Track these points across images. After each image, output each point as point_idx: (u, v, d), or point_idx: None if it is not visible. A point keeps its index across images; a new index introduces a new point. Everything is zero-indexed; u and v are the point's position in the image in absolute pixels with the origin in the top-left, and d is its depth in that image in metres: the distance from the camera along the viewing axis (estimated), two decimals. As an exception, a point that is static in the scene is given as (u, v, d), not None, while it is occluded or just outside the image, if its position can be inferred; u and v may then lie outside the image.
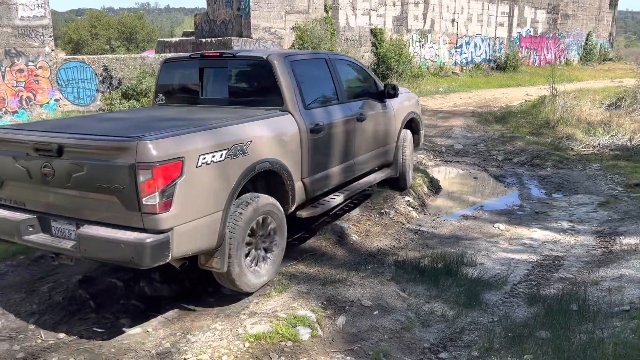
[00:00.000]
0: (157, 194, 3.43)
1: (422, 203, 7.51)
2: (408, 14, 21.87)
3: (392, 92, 6.48)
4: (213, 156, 3.82)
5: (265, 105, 4.96)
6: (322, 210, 5.39)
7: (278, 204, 4.54)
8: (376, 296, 4.35)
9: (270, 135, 4.48)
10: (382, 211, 6.75)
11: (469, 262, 5.20)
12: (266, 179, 4.56)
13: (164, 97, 5.75)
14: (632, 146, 10.00)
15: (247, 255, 4.27)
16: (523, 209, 7.26)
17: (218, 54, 5.72)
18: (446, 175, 9.20)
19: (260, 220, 4.36)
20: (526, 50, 28.46)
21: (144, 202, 3.43)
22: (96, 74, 13.48)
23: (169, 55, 11.16)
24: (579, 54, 32.32)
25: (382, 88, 6.51)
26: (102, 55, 15.12)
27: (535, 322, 3.92)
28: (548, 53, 30.09)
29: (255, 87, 5.34)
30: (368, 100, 6.21)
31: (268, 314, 3.99)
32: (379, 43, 20.27)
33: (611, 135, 10.90)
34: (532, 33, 28.65)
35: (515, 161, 9.75)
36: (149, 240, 3.42)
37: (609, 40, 35.11)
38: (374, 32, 20.51)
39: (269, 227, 4.49)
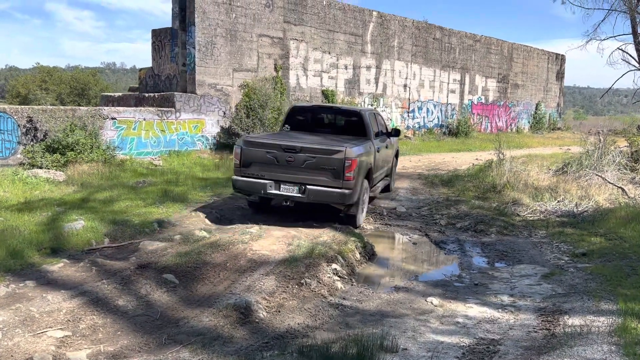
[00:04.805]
0: (352, 172, 7.66)
1: (352, 271, 6.70)
2: (360, 77, 21.88)
3: (395, 133, 10.95)
4: (362, 157, 8.07)
5: (354, 135, 9.38)
6: (377, 192, 10.03)
7: (368, 183, 8.66)
8: (262, 396, 3.43)
9: (369, 151, 8.70)
10: (302, 281, 5.90)
11: (389, 347, 4.34)
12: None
13: (289, 127, 9.97)
14: (578, 213, 9.56)
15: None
16: (461, 280, 6.51)
17: (330, 106, 11.43)
18: (383, 240, 8.45)
19: (363, 190, 8.37)
20: (478, 117, 28.92)
21: (345, 175, 7.64)
22: (19, 125, 12.45)
23: (297, 103, 14.93)
24: (529, 122, 33.16)
25: (390, 130, 11.05)
26: (27, 106, 14.13)
27: None
28: (499, 120, 30.68)
29: (350, 125, 9.86)
30: (385, 137, 10.54)
31: None
32: (330, 104, 20.04)
33: (558, 201, 10.49)
34: (483, 100, 29.24)
35: (458, 226, 9.12)
36: (347, 191, 7.70)
37: (557, 110, 36.34)
38: (326, 94, 20.31)
39: (365, 195, 8.63)
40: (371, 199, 9.93)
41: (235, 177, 8.23)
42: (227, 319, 4.84)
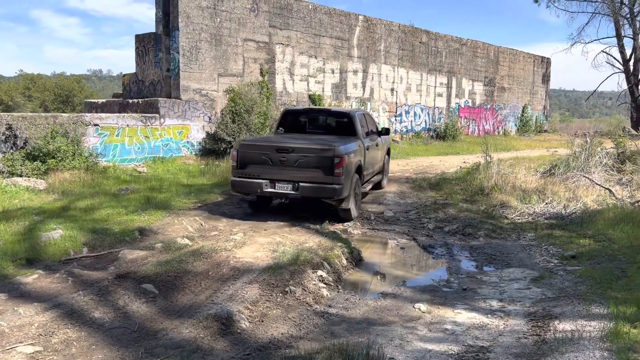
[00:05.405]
0: (341, 168, 8.30)
1: (338, 278, 6.53)
2: (347, 81, 21.79)
3: (385, 132, 11.79)
4: (351, 154, 8.74)
5: (345, 135, 10.01)
6: (368, 188, 10.53)
7: (359, 177, 9.25)
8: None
9: (358, 149, 9.32)
10: (287, 289, 5.73)
11: (375, 357, 4.18)
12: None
13: (283, 129, 10.59)
14: (567, 214, 9.49)
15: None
16: (450, 285, 6.38)
17: (321, 109, 12.62)
18: (370, 245, 8.30)
19: (355, 184, 8.97)
20: (465, 120, 28.97)
21: (335, 171, 8.30)
22: (-3, 133, 12.16)
23: (289, 107, 15.44)
24: (516, 125, 33.29)
25: (380, 129, 11.85)
26: (6, 113, 13.83)
27: None
28: (487, 123, 30.76)
29: (340, 126, 10.53)
30: (375, 136, 11.26)
31: None
32: (317, 109, 19.88)
33: (546, 203, 10.41)
34: (470, 104, 29.30)
35: (446, 230, 9.00)
36: (337, 186, 8.36)
37: (544, 113, 36.54)
38: (313, 98, 20.19)
39: (357, 189, 9.21)
40: (363, 194, 10.21)
41: (233, 178, 8.87)
42: (207, 330, 4.66)
